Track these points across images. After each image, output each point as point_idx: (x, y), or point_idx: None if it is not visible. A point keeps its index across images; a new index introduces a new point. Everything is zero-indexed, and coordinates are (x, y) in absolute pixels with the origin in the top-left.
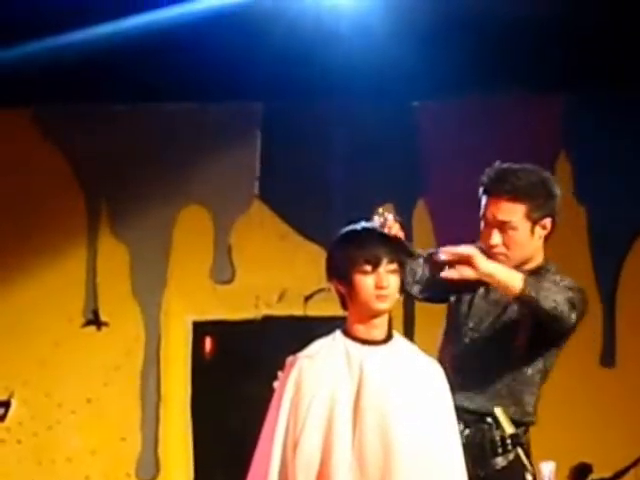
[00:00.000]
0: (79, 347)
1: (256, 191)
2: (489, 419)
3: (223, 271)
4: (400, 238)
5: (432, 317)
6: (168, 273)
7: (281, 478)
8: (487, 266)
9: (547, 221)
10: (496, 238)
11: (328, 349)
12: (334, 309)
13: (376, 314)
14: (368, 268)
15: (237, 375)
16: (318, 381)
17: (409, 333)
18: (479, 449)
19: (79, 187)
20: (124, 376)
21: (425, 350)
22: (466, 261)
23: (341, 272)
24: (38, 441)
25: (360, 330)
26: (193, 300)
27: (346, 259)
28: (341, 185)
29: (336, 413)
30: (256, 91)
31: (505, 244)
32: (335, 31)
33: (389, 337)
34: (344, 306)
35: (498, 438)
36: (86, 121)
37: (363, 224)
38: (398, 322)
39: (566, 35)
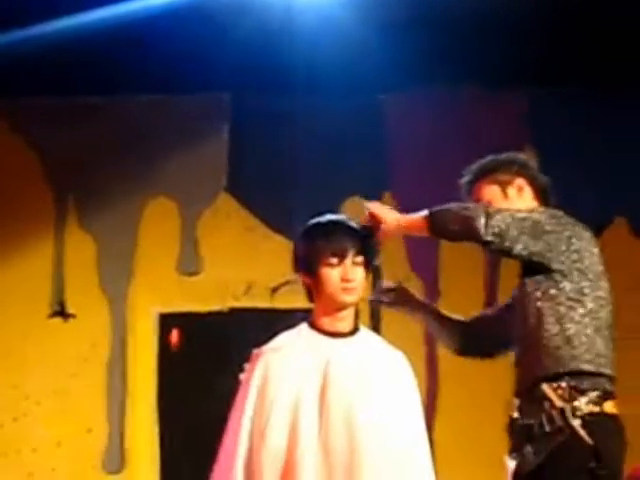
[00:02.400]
0: (46, 339)
1: (223, 183)
2: (537, 396)
3: (190, 263)
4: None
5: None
6: (135, 265)
7: (247, 469)
8: (393, 222)
9: (519, 181)
10: None
11: (294, 341)
12: (300, 301)
13: (342, 307)
14: (334, 261)
15: (203, 367)
16: (284, 373)
17: (376, 326)
18: (532, 431)
19: (46, 179)
20: (91, 368)
21: (391, 343)
22: (377, 220)
23: (308, 264)
24: (4, 432)
25: (326, 322)
26: (160, 292)
27: (313, 251)
28: (308, 178)
29: (302, 405)
30: (224, 84)
31: None
32: (302, 24)
33: (355, 330)
34: (310, 298)
35: (547, 416)
36: (53, 114)
37: (330, 216)
38: (365, 315)
39: (532, 30)
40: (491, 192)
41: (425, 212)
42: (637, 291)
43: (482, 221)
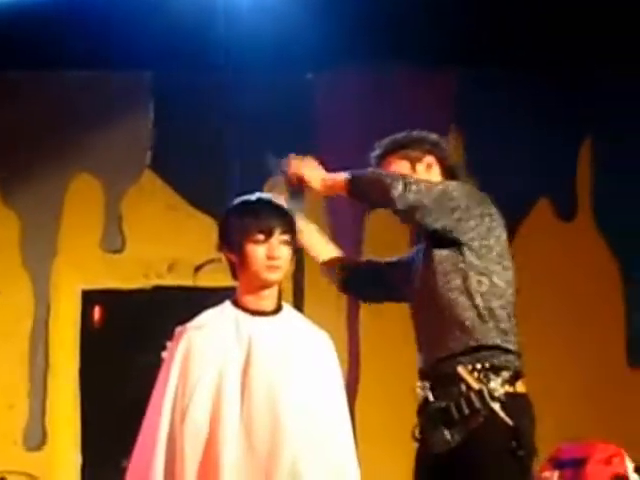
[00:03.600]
0: None
1: (147, 161)
2: (451, 378)
3: (113, 241)
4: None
5: (321, 290)
6: (58, 242)
7: (169, 447)
8: (318, 183)
9: (428, 159)
10: None
11: (217, 319)
12: (224, 280)
13: (266, 285)
14: (261, 237)
15: (126, 345)
16: (207, 351)
17: (299, 305)
18: (448, 413)
19: None
20: (13, 344)
21: (314, 322)
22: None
23: (233, 241)
24: None
25: (250, 301)
26: (83, 269)
27: (239, 228)
28: (233, 157)
29: (224, 383)
30: (149, 60)
31: None
32: (229, 2)
33: (279, 308)
34: (235, 276)
35: (464, 398)
36: None
37: (257, 194)
38: (288, 294)
39: (462, 10)
40: (400, 167)
41: (347, 174)
42: (561, 272)
43: (399, 190)
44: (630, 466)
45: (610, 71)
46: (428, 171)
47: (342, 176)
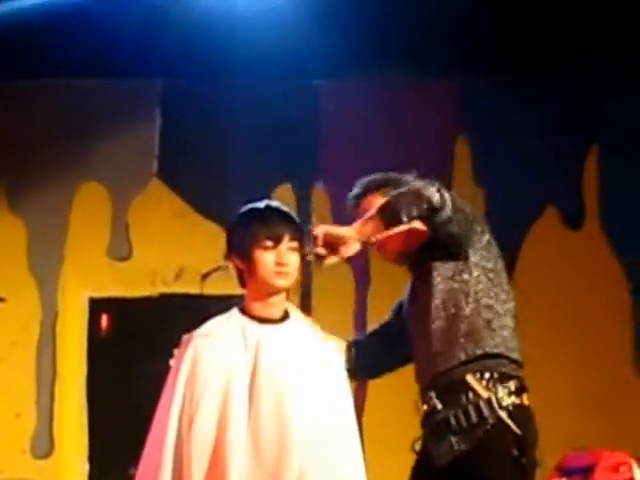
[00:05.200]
0: None
1: (154, 169)
2: (458, 387)
3: (120, 248)
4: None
5: (329, 297)
6: (65, 249)
7: (176, 455)
8: (354, 233)
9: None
10: None
11: (225, 327)
12: (231, 287)
13: (275, 291)
14: (269, 244)
15: (133, 353)
16: (214, 359)
17: (306, 311)
18: (456, 421)
19: None
20: (20, 352)
21: (322, 329)
22: (341, 241)
23: (242, 247)
24: None
25: (257, 308)
26: (90, 277)
27: (248, 234)
28: (240, 164)
29: (232, 391)
30: (157, 68)
31: None
32: (237, 9)
33: (286, 316)
34: (242, 284)
35: (473, 406)
36: None
37: (266, 201)
38: (295, 302)
39: (467, 20)
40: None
41: (372, 211)
42: (568, 279)
43: (434, 190)
44: (638, 473)
45: (617, 78)
46: None
47: (370, 214)
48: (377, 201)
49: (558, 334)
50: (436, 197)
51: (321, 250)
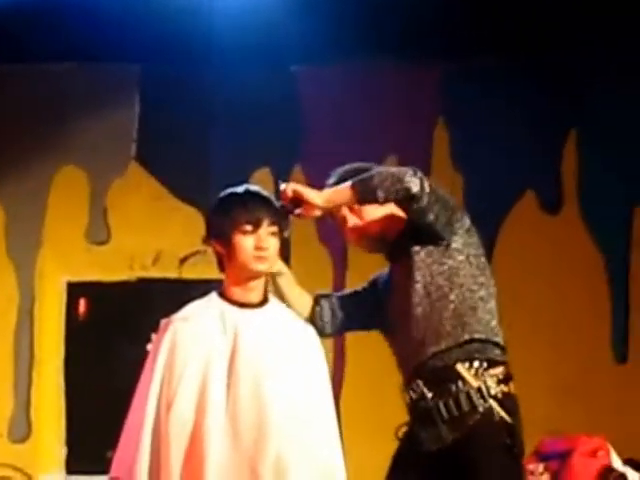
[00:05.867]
0: None
1: (133, 153)
2: (447, 375)
3: (98, 232)
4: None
5: (308, 281)
6: (43, 233)
7: (154, 439)
8: (319, 197)
9: None
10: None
11: (203, 311)
12: (209, 272)
13: (254, 275)
14: (249, 228)
15: (111, 337)
16: (192, 343)
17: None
18: (447, 410)
19: None
20: None
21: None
22: (301, 199)
23: (221, 231)
24: None
25: (236, 292)
26: (68, 261)
27: (227, 218)
28: (218, 149)
29: (210, 375)
30: (135, 53)
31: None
32: None
33: (265, 301)
34: (221, 268)
35: (464, 395)
36: None
37: (246, 186)
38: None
39: (447, 4)
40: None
41: (347, 183)
42: (547, 264)
43: (414, 178)
44: (616, 458)
45: (595, 63)
46: None
47: (344, 185)
48: None
49: (536, 319)
50: (416, 184)
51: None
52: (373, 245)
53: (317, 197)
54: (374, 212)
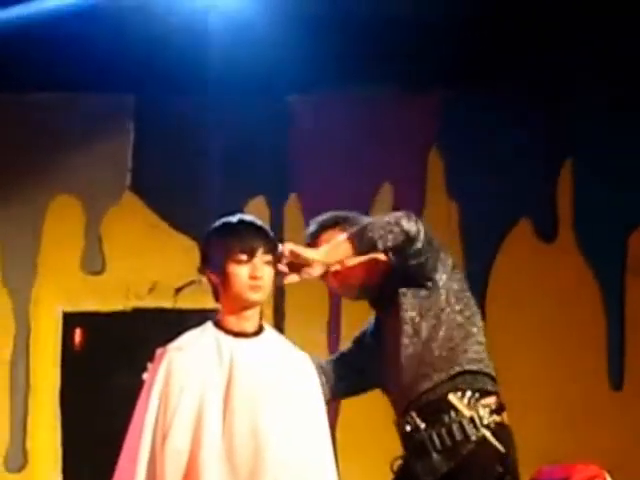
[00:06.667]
0: None
1: (128, 182)
2: (440, 406)
3: (94, 262)
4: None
5: (302, 311)
6: (38, 263)
7: (150, 470)
8: (319, 254)
9: None
10: None
11: (199, 341)
12: (205, 301)
13: (249, 305)
14: (243, 257)
15: (107, 367)
16: (188, 373)
17: (279, 327)
18: (440, 440)
19: None
20: None
21: (296, 343)
22: (301, 262)
23: (216, 261)
24: None
25: (231, 322)
26: (63, 290)
27: (222, 248)
28: (213, 178)
29: (206, 405)
30: (130, 83)
31: None
32: (209, 24)
33: (260, 330)
34: (216, 297)
35: (456, 425)
36: None
37: (240, 215)
38: (268, 316)
39: (442, 33)
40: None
41: (342, 236)
42: (542, 292)
43: (410, 221)
44: None
45: (591, 92)
46: None
47: (339, 239)
48: (336, 236)
49: (531, 346)
50: (413, 228)
51: (283, 267)
52: (355, 292)
53: (316, 254)
54: (355, 258)
